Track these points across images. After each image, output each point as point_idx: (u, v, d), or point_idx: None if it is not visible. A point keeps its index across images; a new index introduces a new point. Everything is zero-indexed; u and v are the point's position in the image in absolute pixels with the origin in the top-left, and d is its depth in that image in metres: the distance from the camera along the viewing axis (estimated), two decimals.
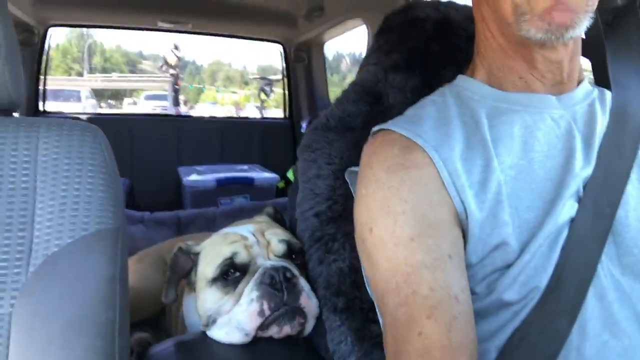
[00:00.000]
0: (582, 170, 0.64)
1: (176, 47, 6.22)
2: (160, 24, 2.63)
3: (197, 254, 0.85)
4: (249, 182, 2.30)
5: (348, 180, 0.80)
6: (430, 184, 0.62)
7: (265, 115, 5.27)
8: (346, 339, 0.72)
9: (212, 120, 3.90)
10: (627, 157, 0.66)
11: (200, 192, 2.19)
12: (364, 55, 1.08)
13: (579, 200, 0.63)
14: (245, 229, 0.84)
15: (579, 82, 0.73)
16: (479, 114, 0.68)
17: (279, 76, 5.38)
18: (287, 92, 3.67)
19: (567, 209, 0.62)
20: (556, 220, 0.61)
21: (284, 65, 3.62)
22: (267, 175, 2.39)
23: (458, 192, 0.61)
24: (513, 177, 0.63)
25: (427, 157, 0.63)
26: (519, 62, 0.68)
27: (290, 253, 0.82)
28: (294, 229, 0.90)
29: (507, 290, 0.60)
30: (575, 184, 0.63)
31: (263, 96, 5.69)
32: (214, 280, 0.78)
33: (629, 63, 0.83)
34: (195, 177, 2.25)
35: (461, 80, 0.77)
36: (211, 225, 1.82)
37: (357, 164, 0.86)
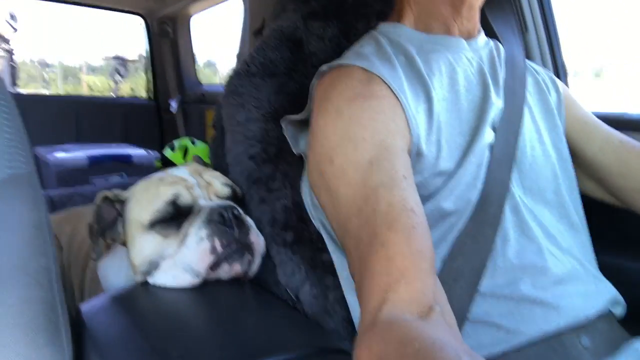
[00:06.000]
0: (496, 100, 0.75)
1: (12, 17, 5.28)
2: None
3: (123, 202, 0.78)
4: (126, 159, 2.12)
5: (284, 127, 0.80)
6: (388, 113, 0.66)
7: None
8: (299, 269, 0.73)
9: (64, 100, 3.50)
10: (519, 97, 0.79)
11: (69, 171, 1.96)
12: None
13: (494, 129, 0.73)
14: (180, 171, 0.79)
15: (478, 32, 0.84)
16: (411, 52, 0.75)
17: (134, 56, 5.03)
18: (151, 70, 3.45)
19: (488, 134, 0.72)
20: (481, 143, 0.71)
21: (147, 41, 3.39)
22: (146, 152, 2.22)
23: (415, 119, 0.67)
24: (445, 108, 0.71)
25: (385, 88, 0.67)
26: (447, 8, 0.77)
27: (234, 198, 0.80)
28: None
29: (445, 199, 0.68)
30: (493, 112, 0.74)
31: (117, 77, 5.27)
32: (153, 225, 0.73)
33: (506, 21, 0.98)
34: (63, 154, 2.00)
35: (386, 26, 0.84)
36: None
37: (284, 108, 0.88)
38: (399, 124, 0.66)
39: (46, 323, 0.57)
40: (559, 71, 1.24)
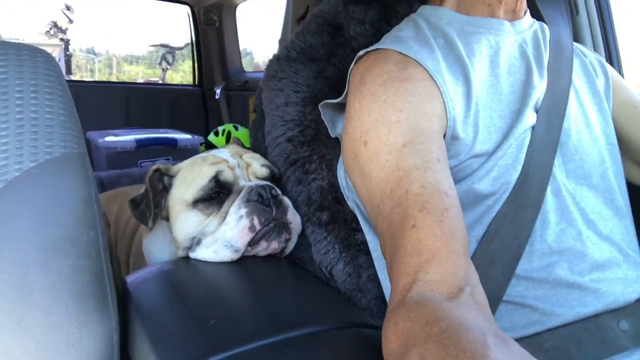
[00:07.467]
0: (540, 83, 0.73)
1: (68, 8, 5.47)
2: None
3: (171, 177, 0.82)
4: (171, 143, 2.19)
5: (322, 111, 0.81)
6: (424, 96, 0.65)
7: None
8: (333, 248, 0.74)
9: (115, 87, 3.64)
10: (565, 79, 0.76)
11: (118, 153, 2.05)
12: None
13: (537, 111, 0.72)
14: (222, 152, 0.82)
15: (524, 13, 0.82)
16: (451, 35, 0.74)
17: (181, 44, 5.14)
18: (195, 58, 3.53)
19: (530, 117, 0.71)
20: (523, 125, 0.70)
21: (192, 29, 3.47)
22: (191, 137, 2.29)
23: (452, 102, 0.66)
24: (486, 91, 0.70)
25: (422, 71, 0.67)
26: None
27: (272, 179, 0.82)
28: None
29: (480, 181, 0.68)
30: (536, 95, 0.72)
31: (165, 65, 5.40)
32: (196, 202, 0.76)
33: (554, 2, 0.95)
34: (113, 138, 2.10)
35: (427, 9, 0.83)
36: None
37: (323, 92, 0.89)
38: (436, 106, 0.66)
39: (95, 291, 0.62)
40: (612, 56, 1.19)
